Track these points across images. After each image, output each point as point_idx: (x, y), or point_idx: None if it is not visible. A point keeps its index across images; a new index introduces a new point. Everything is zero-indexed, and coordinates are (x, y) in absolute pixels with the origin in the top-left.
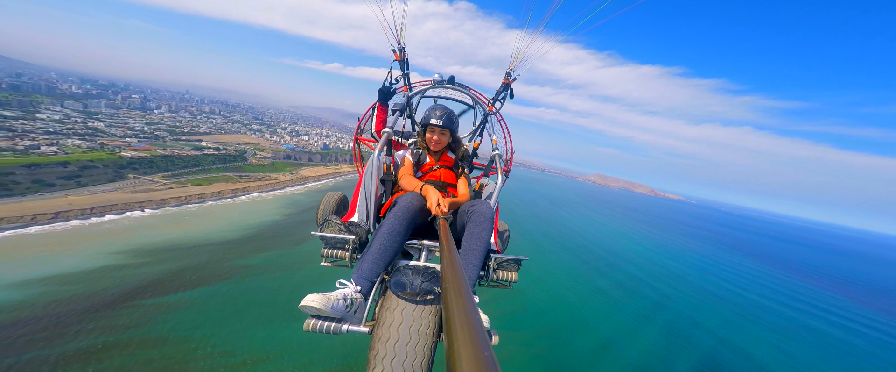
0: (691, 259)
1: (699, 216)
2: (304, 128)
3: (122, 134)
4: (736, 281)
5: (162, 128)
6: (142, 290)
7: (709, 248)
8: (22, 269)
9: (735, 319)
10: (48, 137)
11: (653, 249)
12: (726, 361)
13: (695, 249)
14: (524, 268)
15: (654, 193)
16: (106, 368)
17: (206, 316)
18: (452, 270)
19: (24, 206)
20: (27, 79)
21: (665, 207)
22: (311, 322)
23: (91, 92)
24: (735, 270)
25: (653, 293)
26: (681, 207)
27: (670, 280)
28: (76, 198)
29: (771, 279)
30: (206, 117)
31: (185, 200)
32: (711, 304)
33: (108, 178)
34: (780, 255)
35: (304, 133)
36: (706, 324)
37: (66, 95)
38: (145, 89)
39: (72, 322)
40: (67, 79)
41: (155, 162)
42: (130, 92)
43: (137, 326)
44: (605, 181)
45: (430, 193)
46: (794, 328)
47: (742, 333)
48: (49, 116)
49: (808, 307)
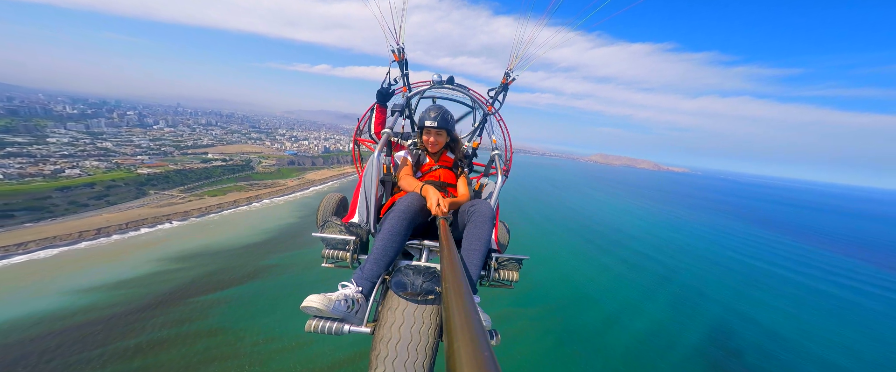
0: (695, 230)
1: (703, 187)
2: (301, 132)
3: (132, 152)
4: (742, 249)
5: (166, 143)
6: (186, 290)
7: (713, 217)
8: (84, 278)
9: (742, 288)
10: (67, 160)
11: (656, 223)
12: (735, 328)
13: (698, 220)
14: (530, 249)
15: (657, 167)
16: (173, 355)
17: (246, 310)
18: (453, 270)
19: (69, 225)
20: (19, 102)
21: (669, 180)
22: (313, 323)
23: (87, 112)
24: (740, 237)
25: (658, 267)
26: (685, 179)
27: (675, 253)
28: (111, 215)
29: (778, 245)
30: (204, 130)
31: (206, 211)
32: (717, 273)
33: (132, 195)
34: (786, 220)
35: (303, 138)
36: (713, 294)
37: (64, 117)
38: (137, 105)
39: (136, 319)
40: (57, 100)
41: (170, 177)
42: (123, 109)
43: (191, 321)
44: (606, 160)
45: (430, 194)
46: (804, 294)
47: (751, 301)
48: (58, 139)
49: (818, 272)
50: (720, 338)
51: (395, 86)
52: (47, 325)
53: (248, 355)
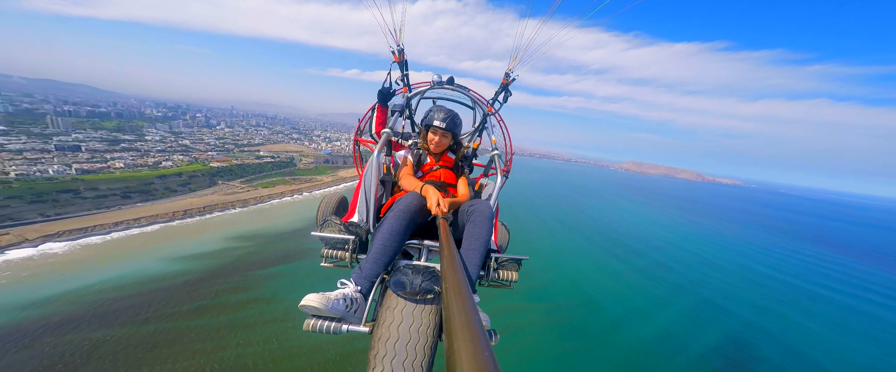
0: (730, 244)
1: (755, 201)
2: (334, 134)
3: (204, 148)
4: (783, 267)
5: (228, 141)
6: (249, 263)
7: (755, 232)
8: (177, 249)
9: (773, 305)
10: (162, 154)
11: (685, 235)
12: (751, 342)
13: (736, 235)
14: (540, 252)
15: (701, 178)
16: (240, 316)
17: (295, 282)
18: (452, 269)
19: (165, 206)
20: (121, 107)
21: (711, 192)
22: (311, 322)
23: (168, 114)
24: (788, 255)
25: (678, 278)
26: (733, 191)
27: (699, 266)
28: (193, 200)
29: (835, 266)
30: (255, 130)
31: (261, 200)
32: (746, 289)
33: (206, 184)
34: (852, 239)
35: (336, 139)
36: (735, 308)
37: (152, 119)
38: (202, 108)
39: (214, 283)
40: (146, 104)
41: (233, 170)
42: (193, 111)
43: (252, 289)
44: (640, 168)
45: (430, 193)
46: (841, 314)
47: (774, 316)
48: (152, 137)
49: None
50: (730, 349)
51: (396, 86)
52: (146, 285)
53: (293, 320)
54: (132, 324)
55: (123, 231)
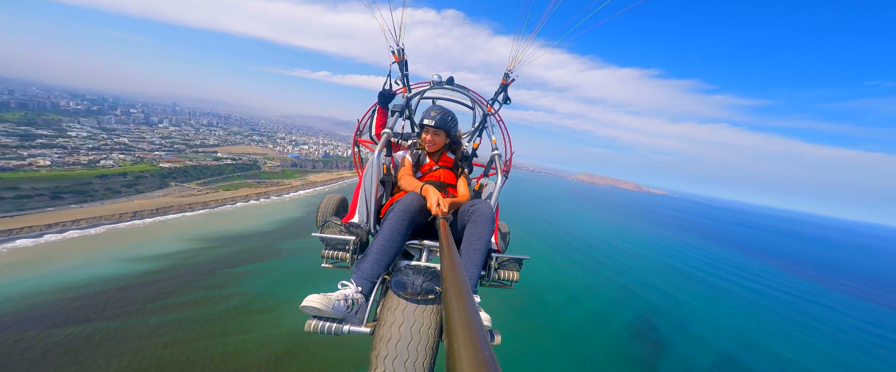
0: (649, 241)
1: (676, 207)
2: (300, 137)
3: (148, 147)
4: (693, 262)
5: (176, 141)
6: (218, 264)
7: (671, 233)
8: (130, 250)
9: (672, 284)
10: (97, 153)
11: (621, 235)
12: (659, 312)
13: (657, 234)
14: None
15: (639, 188)
16: (222, 308)
17: (271, 279)
18: (453, 269)
19: (109, 208)
20: (20, 96)
21: (645, 200)
22: (313, 323)
23: (92, 108)
24: (698, 252)
25: (605, 270)
26: (660, 200)
27: (624, 259)
28: (142, 201)
29: (725, 261)
30: (207, 130)
31: (222, 203)
32: (661, 275)
33: (157, 185)
34: (739, 240)
35: (303, 142)
36: (649, 290)
37: (70, 112)
38: (136, 103)
39: (186, 283)
40: (56, 93)
41: (187, 172)
42: (120, 105)
43: (227, 286)
44: (592, 179)
45: (430, 194)
46: (712, 292)
47: (676, 296)
48: (78, 133)
49: (742, 278)
50: (636, 323)
51: (396, 87)
52: (105, 284)
53: (276, 310)
54: (92, 321)
55: (58, 234)
